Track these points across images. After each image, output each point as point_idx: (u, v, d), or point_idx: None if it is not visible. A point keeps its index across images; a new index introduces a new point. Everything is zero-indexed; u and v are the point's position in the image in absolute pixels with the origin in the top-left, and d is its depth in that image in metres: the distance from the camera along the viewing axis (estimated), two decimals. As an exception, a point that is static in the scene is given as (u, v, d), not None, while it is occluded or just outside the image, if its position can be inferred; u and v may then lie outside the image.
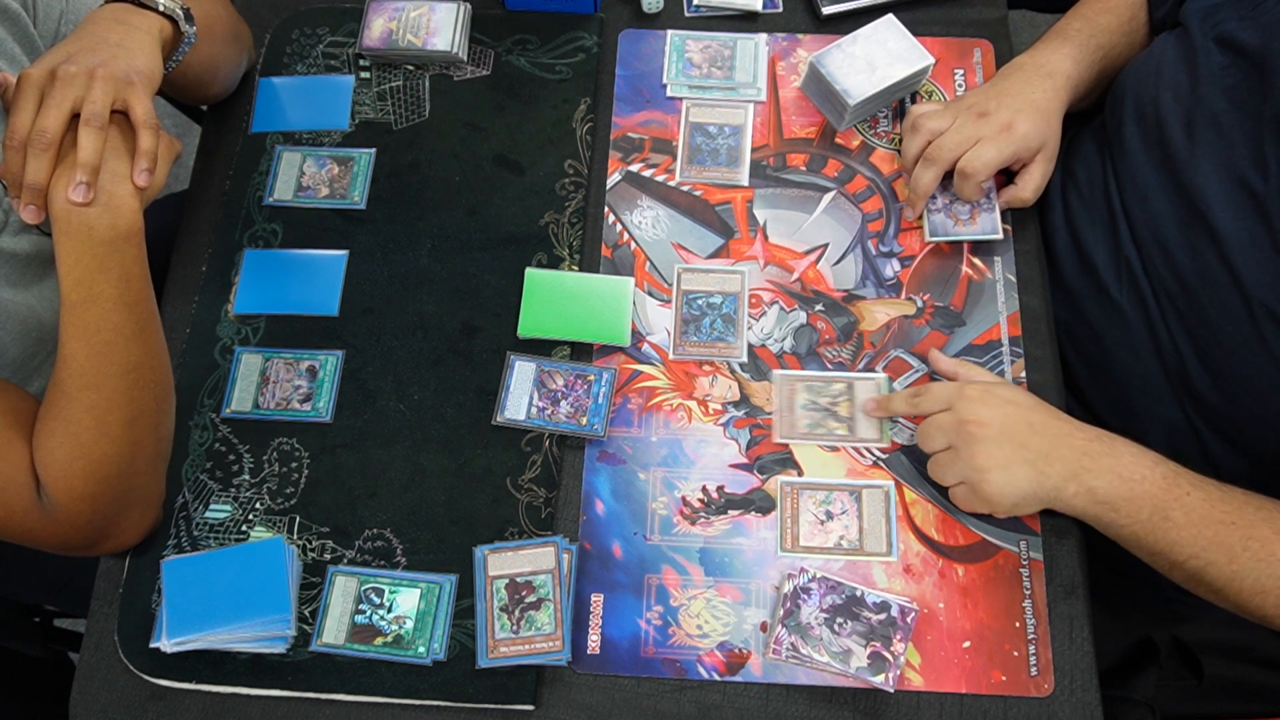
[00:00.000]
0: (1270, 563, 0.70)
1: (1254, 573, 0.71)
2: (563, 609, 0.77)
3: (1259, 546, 0.71)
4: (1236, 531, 0.71)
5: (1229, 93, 0.79)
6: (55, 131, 0.67)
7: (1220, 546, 0.71)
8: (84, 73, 0.69)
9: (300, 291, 0.92)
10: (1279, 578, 0.70)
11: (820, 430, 0.85)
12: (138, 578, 0.81)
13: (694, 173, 0.96)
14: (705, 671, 0.78)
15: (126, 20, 0.75)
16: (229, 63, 0.95)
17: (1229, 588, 0.72)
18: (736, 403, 0.87)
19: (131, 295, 0.72)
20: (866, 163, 0.97)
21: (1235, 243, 0.77)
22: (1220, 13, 0.82)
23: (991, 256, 0.92)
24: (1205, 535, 0.72)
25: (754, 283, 0.91)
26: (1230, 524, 0.71)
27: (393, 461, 0.85)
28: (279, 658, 0.78)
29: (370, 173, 0.96)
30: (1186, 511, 0.72)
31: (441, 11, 1.00)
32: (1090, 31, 0.92)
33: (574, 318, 0.89)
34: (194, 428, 0.86)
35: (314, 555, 0.82)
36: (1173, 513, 0.72)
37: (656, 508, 0.83)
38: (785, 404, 0.86)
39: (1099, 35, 0.92)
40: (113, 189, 0.69)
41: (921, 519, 0.82)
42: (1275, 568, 0.70)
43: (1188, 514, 0.72)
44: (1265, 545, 0.70)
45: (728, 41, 1.02)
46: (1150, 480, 0.73)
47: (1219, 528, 0.71)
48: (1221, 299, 0.79)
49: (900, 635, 0.76)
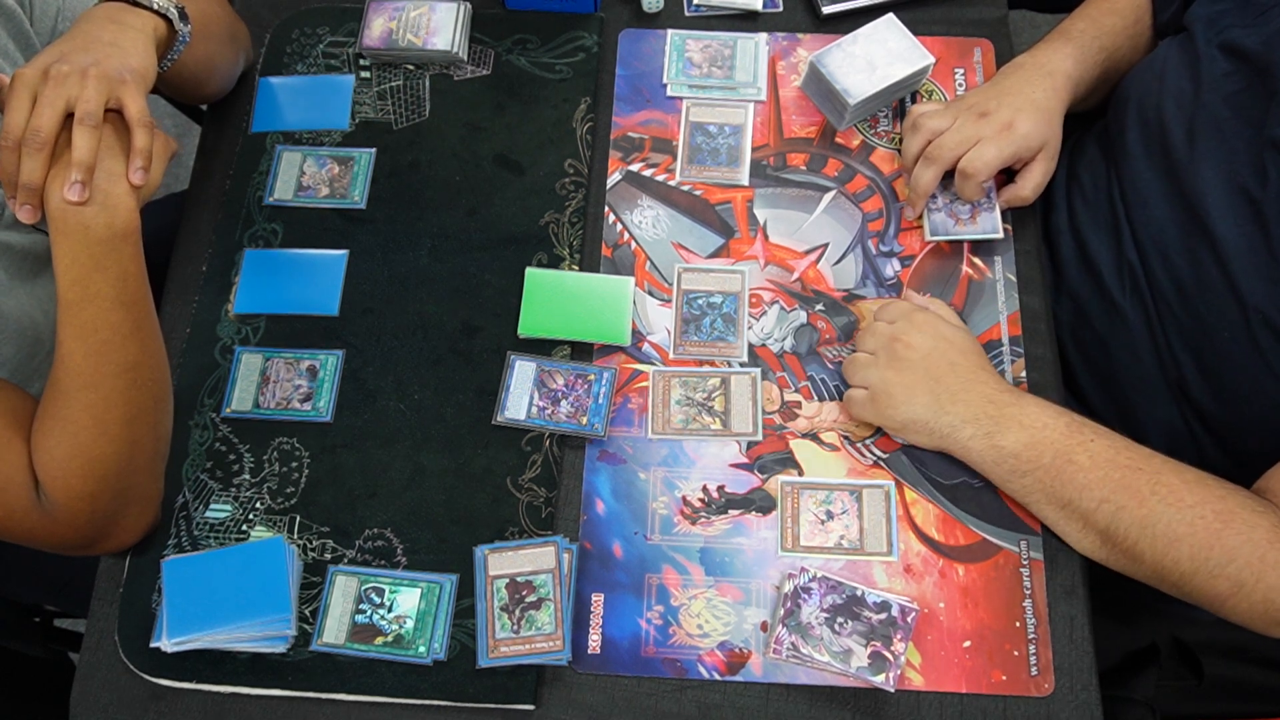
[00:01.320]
0: (1179, 508, 0.70)
1: (1165, 518, 0.71)
2: (563, 609, 0.77)
3: (1166, 491, 0.71)
4: (1143, 476, 0.72)
5: (1231, 100, 0.79)
6: (49, 131, 0.67)
7: (1128, 489, 0.72)
8: (77, 72, 0.69)
9: (300, 291, 0.92)
10: (1190, 524, 0.70)
11: (694, 425, 0.85)
12: (138, 578, 0.81)
13: (694, 172, 0.96)
14: (706, 671, 0.78)
15: (120, 19, 0.75)
16: (226, 62, 0.95)
17: (1143, 539, 0.72)
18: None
19: (128, 294, 0.72)
20: (866, 162, 0.96)
21: (1233, 250, 0.77)
22: (1224, 19, 0.81)
23: (992, 256, 0.92)
24: (1112, 478, 0.72)
25: (754, 282, 0.91)
26: (1137, 469, 0.72)
27: (393, 461, 0.85)
28: (279, 657, 0.78)
29: (370, 173, 0.96)
30: (1091, 455, 0.73)
31: (441, 11, 1.00)
32: (1094, 33, 0.91)
33: (574, 317, 0.89)
34: (194, 427, 0.86)
35: (314, 555, 0.82)
36: (1077, 456, 0.73)
37: (657, 507, 0.83)
38: (660, 400, 0.86)
39: (1102, 36, 0.91)
40: (108, 188, 0.69)
41: (922, 519, 0.82)
42: (1185, 513, 0.70)
43: (1092, 457, 0.73)
44: (1173, 491, 0.71)
45: (728, 41, 1.02)
46: (1053, 428, 0.75)
47: (1125, 471, 0.72)
48: (1218, 306, 0.79)
49: (901, 635, 0.76)
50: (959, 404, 0.77)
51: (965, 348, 0.80)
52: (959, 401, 0.77)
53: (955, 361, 0.78)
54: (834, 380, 0.88)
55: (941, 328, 0.81)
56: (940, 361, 0.78)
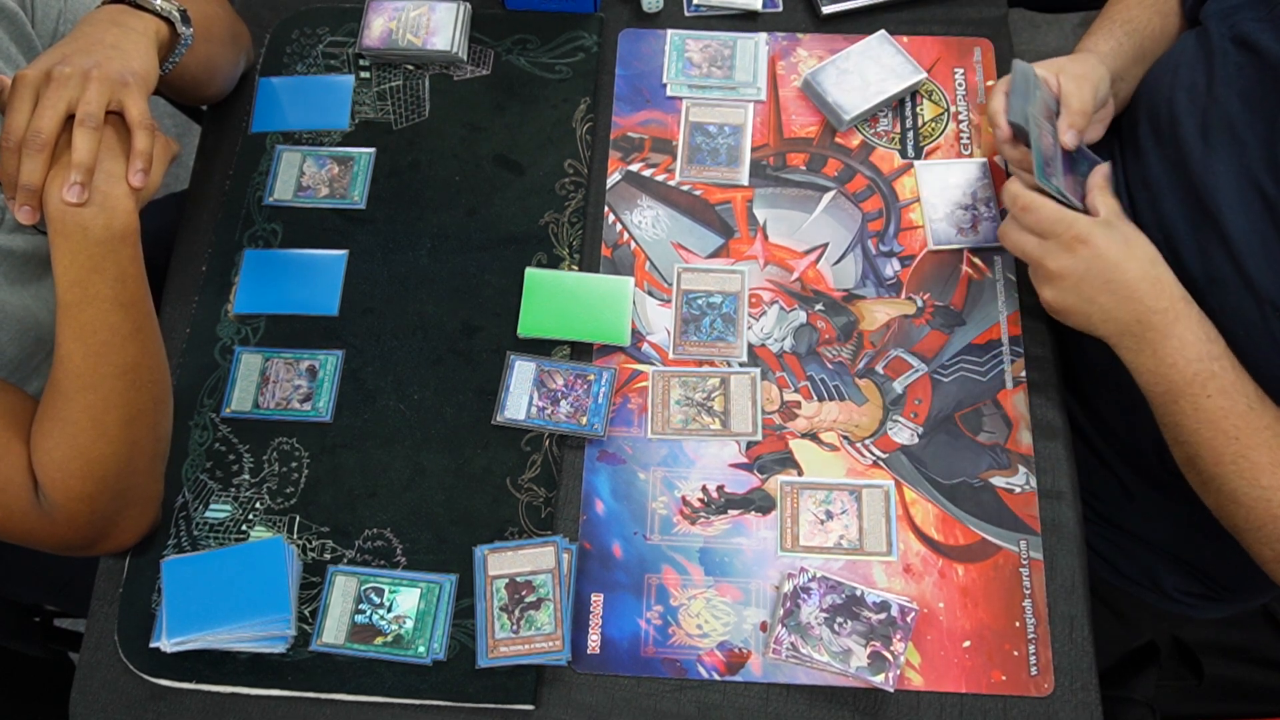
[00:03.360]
0: (1252, 484, 0.73)
1: (1232, 483, 0.74)
2: (563, 609, 0.77)
3: (1247, 466, 0.74)
4: (1234, 445, 0.74)
5: (1244, 94, 0.79)
6: (50, 132, 0.67)
7: (1211, 448, 0.75)
8: (79, 74, 0.69)
9: (300, 291, 0.92)
10: (1255, 499, 0.73)
11: (693, 425, 0.85)
12: (138, 578, 0.81)
13: (694, 172, 0.96)
14: (705, 671, 0.78)
15: (122, 22, 0.75)
16: (227, 63, 0.95)
17: (1210, 485, 0.76)
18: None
19: (127, 295, 0.72)
20: (866, 162, 0.97)
21: (1245, 245, 0.77)
22: (1239, 13, 0.82)
23: (991, 256, 0.92)
24: (1202, 434, 0.75)
25: (754, 282, 0.91)
26: (1233, 437, 0.74)
27: (393, 461, 0.85)
28: (279, 658, 0.78)
29: (370, 173, 0.96)
30: (1196, 409, 0.75)
31: (441, 11, 1.00)
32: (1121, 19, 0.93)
33: (574, 317, 0.89)
34: (194, 428, 0.86)
35: (314, 555, 0.82)
36: (1182, 403, 0.76)
37: (656, 507, 0.83)
38: (659, 400, 0.86)
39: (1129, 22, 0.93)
40: (107, 189, 0.69)
41: (921, 519, 0.82)
42: (1254, 490, 0.73)
43: (1196, 410, 0.75)
44: (1255, 468, 0.73)
45: (728, 41, 1.02)
46: (1179, 369, 0.76)
47: (1219, 435, 0.75)
48: (1231, 301, 0.79)
49: (900, 635, 0.76)
50: (1109, 322, 0.78)
51: (1119, 259, 0.77)
52: (1109, 320, 0.78)
53: (1110, 279, 0.77)
54: (833, 380, 0.88)
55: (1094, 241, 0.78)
56: (1093, 284, 0.78)
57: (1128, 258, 0.77)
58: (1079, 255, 0.77)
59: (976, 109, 0.98)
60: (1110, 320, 0.78)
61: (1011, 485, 0.83)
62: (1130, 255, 0.77)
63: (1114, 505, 0.98)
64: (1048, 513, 0.82)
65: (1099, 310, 0.78)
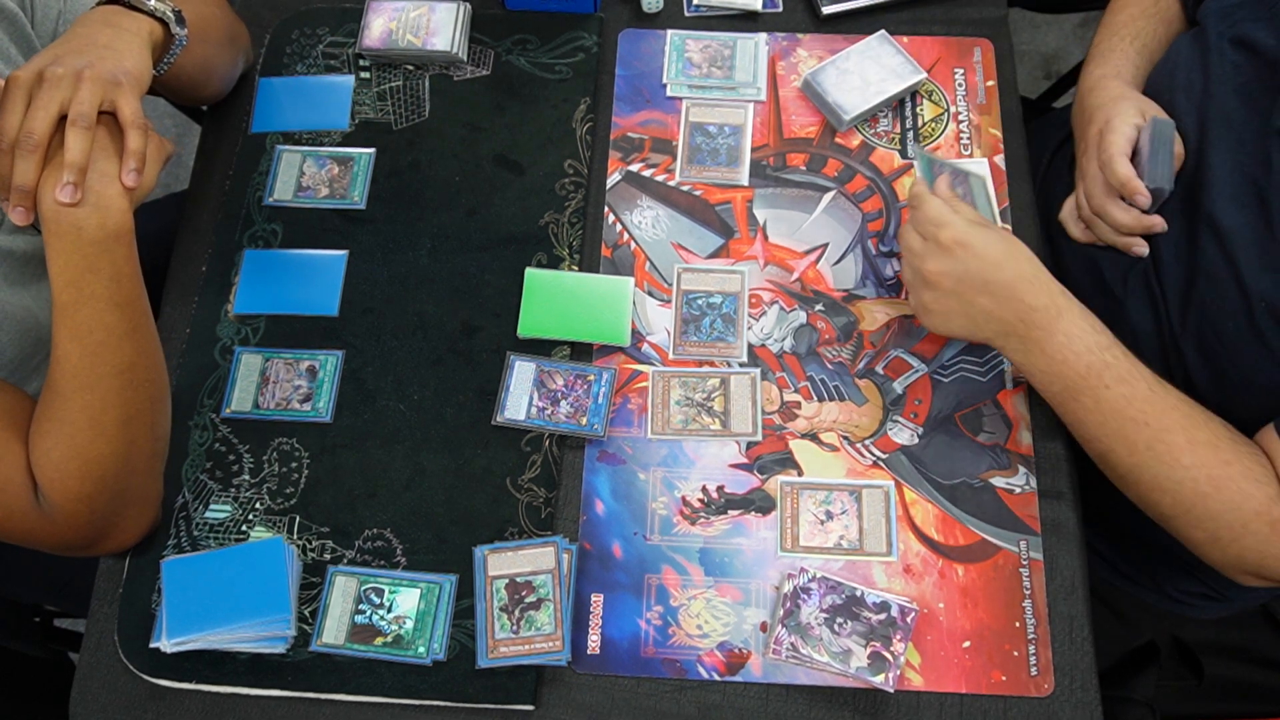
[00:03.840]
0: (1172, 466, 0.73)
1: (1152, 470, 0.74)
2: (563, 609, 0.77)
3: (1164, 450, 0.73)
4: (1146, 431, 0.73)
5: (1241, 91, 0.80)
6: (42, 133, 0.67)
7: (1122, 439, 0.74)
8: (71, 74, 0.69)
9: (300, 291, 0.92)
10: (1178, 481, 0.73)
11: (693, 426, 0.85)
12: (138, 578, 0.81)
13: (694, 172, 0.96)
14: (705, 671, 0.78)
15: (115, 22, 0.75)
16: (224, 64, 0.95)
17: (1128, 478, 0.76)
18: (736, 403, 0.87)
19: (123, 295, 0.72)
20: (866, 162, 0.97)
21: (1238, 240, 0.77)
22: (1238, 13, 0.82)
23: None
24: (1109, 426, 0.75)
25: (754, 282, 0.91)
26: (1143, 423, 0.74)
27: (393, 461, 0.85)
28: (279, 658, 0.78)
29: (370, 173, 0.96)
30: (1098, 402, 0.75)
31: (441, 11, 1.00)
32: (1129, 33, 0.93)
33: (574, 318, 0.89)
34: (194, 428, 0.86)
35: (314, 555, 0.82)
36: (1083, 398, 0.75)
37: (656, 508, 0.83)
38: (659, 400, 0.86)
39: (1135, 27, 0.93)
40: (101, 189, 0.69)
41: (921, 519, 0.82)
42: (1176, 471, 0.73)
43: (1098, 404, 0.75)
44: (1171, 450, 0.73)
45: (728, 41, 1.02)
46: (1070, 364, 0.75)
47: (1127, 423, 0.74)
48: (1222, 295, 0.79)
49: (900, 635, 0.76)
50: (992, 323, 0.78)
51: (998, 260, 0.77)
52: (992, 320, 0.78)
53: (988, 281, 0.77)
54: (833, 380, 0.88)
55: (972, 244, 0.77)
56: (972, 285, 0.77)
57: (1007, 258, 0.77)
58: (957, 257, 0.77)
59: (976, 109, 0.98)
60: (992, 321, 0.77)
61: (1011, 485, 0.83)
62: (1009, 256, 0.77)
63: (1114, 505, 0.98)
64: (1048, 513, 0.82)
65: (980, 312, 0.77)
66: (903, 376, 0.88)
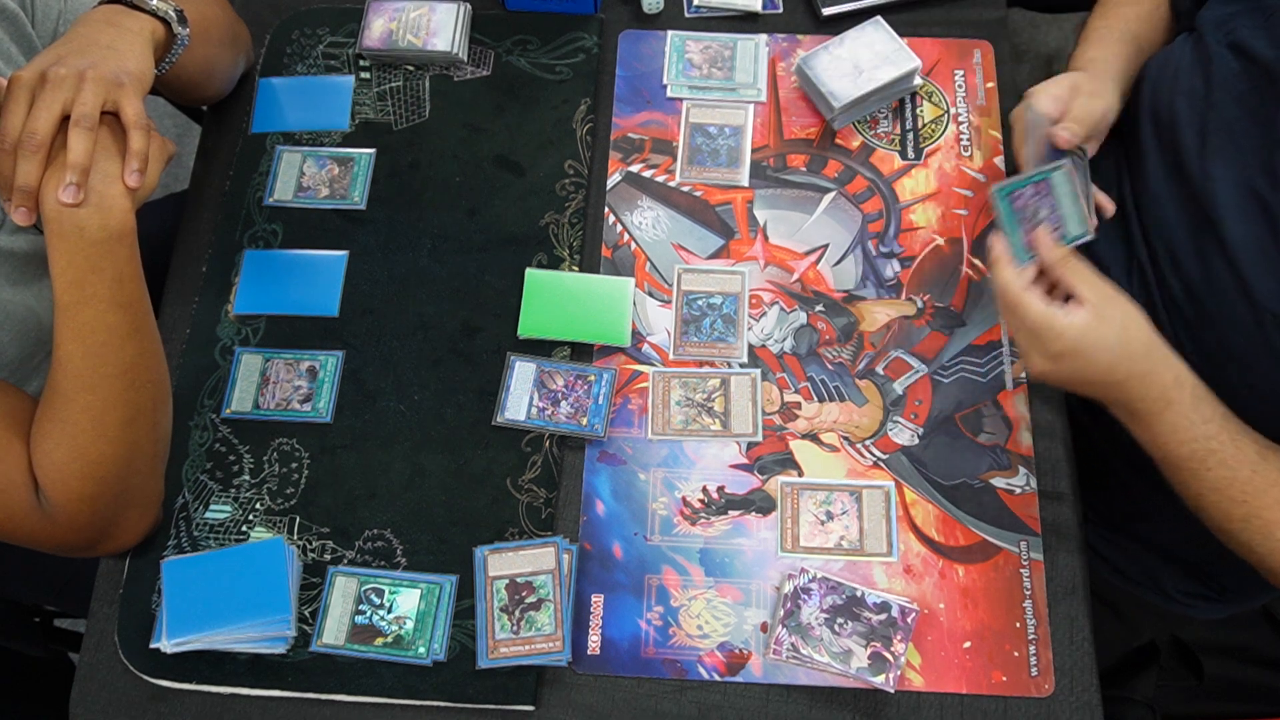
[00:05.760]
0: (1266, 537, 0.73)
1: (1245, 536, 0.74)
2: (563, 609, 0.77)
3: (1260, 524, 0.73)
4: (1243, 508, 0.73)
5: (1241, 100, 0.79)
6: (45, 133, 0.67)
7: (1218, 511, 0.74)
8: (74, 75, 0.69)
9: (300, 292, 0.92)
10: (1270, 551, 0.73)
11: (694, 426, 0.85)
12: (138, 578, 0.81)
13: (694, 173, 0.96)
14: (705, 672, 0.78)
15: (117, 22, 0.75)
16: (225, 64, 0.95)
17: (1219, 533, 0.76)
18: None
19: (125, 296, 0.72)
20: (866, 163, 0.97)
21: (1244, 251, 0.77)
22: (1234, 20, 0.82)
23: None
24: (1206, 499, 0.75)
25: (754, 283, 0.91)
26: (1240, 501, 0.73)
27: (393, 462, 0.85)
28: (279, 658, 0.78)
29: (370, 173, 0.96)
30: (1197, 479, 0.75)
31: (441, 12, 1.00)
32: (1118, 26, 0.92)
33: (574, 318, 0.89)
34: (194, 428, 0.86)
35: (314, 555, 0.82)
36: (1182, 474, 0.75)
37: (657, 508, 0.83)
38: (659, 400, 0.86)
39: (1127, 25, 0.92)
40: (103, 189, 0.69)
41: (922, 519, 0.82)
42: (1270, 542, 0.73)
43: (1197, 480, 0.75)
44: (1267, 525, 0.73)
45: (728, 42, 1.02)
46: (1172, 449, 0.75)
47: (1225, 500, 0.74)
48: (1229, 307, 0.79)
49: (900, 636, 0.76)
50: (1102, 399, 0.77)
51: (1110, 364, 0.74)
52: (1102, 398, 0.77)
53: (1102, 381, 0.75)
54: (834, 381, 0.88)
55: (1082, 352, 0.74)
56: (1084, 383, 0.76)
57: (1120, 359, 0.74)
58: (1066, 364, 0.75)
59: (976, 111, 0.98)
60: (1101, 398, 0.77)
61: (1012, 486, 0.83)
62: (1124, 356, 0.74)
63: (1115, 506, 0.98)
64: (1048, 513, 0.83)
65: (1090, 391, 0.77)
66: (903, 377, 0.88)
